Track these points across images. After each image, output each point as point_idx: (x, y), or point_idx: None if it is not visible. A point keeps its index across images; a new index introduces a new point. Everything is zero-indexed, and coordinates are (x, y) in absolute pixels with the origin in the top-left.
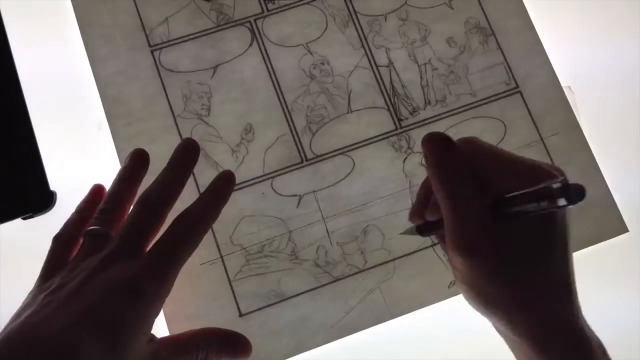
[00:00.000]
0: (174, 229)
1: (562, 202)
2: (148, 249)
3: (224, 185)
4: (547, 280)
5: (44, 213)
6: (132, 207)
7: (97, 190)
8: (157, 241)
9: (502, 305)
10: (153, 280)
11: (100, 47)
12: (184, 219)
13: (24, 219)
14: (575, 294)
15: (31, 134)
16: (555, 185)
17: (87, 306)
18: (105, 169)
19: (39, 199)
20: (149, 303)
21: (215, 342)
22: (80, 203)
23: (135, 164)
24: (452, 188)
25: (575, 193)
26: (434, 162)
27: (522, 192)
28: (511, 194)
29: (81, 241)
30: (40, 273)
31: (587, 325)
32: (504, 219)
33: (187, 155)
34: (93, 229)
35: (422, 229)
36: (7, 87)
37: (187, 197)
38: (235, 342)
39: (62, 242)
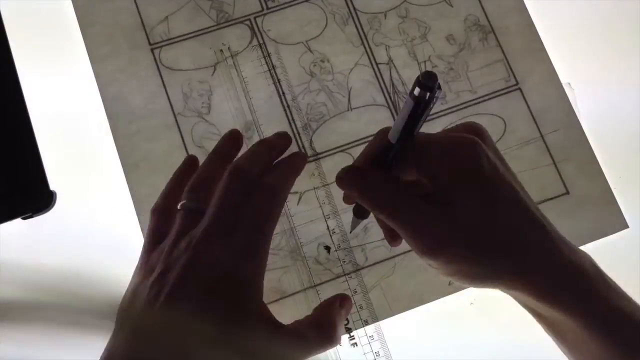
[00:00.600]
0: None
1: (417, 91)
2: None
3: (299, 161)
4: (515, 236)
5: (44, 213)
6: (222, 178)
7: (190, 162)
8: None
9: (488, 276)
10: (250, 261)
11: (101, 46)
12: (268, 191)
13: (24, 219)
14: (549, 226)
15: (31, 134)
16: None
17: (193, 305)
18: (106, 166)
19: (39, 199)
20: (248, 287)
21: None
22: (174, 174)
23: (229, 143)
24: (387, 209)
25: (427, 80)
26: (357, 195)
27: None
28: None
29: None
30: (144, 247)
31: (575, 251)
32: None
33: (281, 140)
34: (187, 202)
35: (357, 212)
36: (7, 87)
37: None
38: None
39: (159, 215)
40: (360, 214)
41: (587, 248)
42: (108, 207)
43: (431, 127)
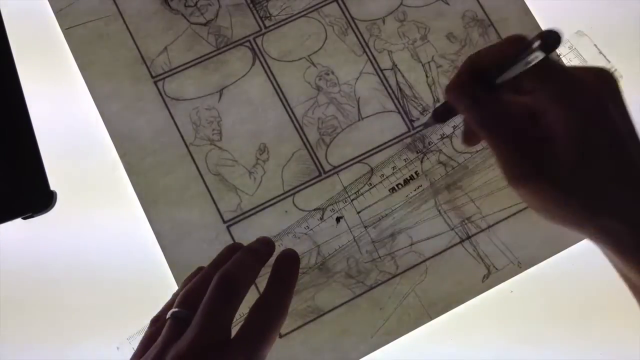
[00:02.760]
0: (255, 322)
1: (536, 45)
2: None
3: (291, 269)
4: (627, 166)
5: (44, 213)
6: (210, 286)
7: (198, 272)
8: (240, 336)
9: (585, 214)
10: None
11: (103, 84)
12: (263, 310)
13: (24, 219)
14: None
15: (32, 134)
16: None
17: None
18: (106, 166)
19: (39, 199)
20: None
21: None
22: (180, 285)
23: (229, 255)
24: (487, 131)
25: (549, 38)
26: (464, 111)
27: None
28: (497, 66)
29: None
30: (134, 355)
31: None
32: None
33: (268, 248)
34: (179, 311)
35: (438, 114)
36: (8, 88)
37: (210, 223)
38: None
39: (157, 324)
40: (440, 117)
41: None
42: (108, 207)
43: (442, 127)
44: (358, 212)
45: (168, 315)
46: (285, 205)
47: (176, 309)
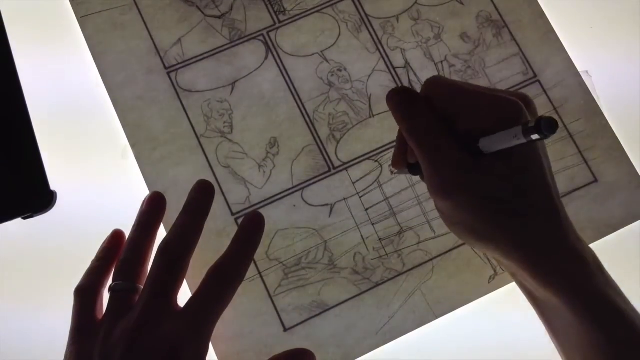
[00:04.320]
0: (208, 285)
1: (535, 137)
2: (184, 304)
3: (254, 231)
4: (530, 205)
5: (44, 213)
6: (154, 258)
7: (116, 236)
8: (192, 300)
9: (488, 236)
10: (193, 343)
11: (117, 73)
12: (218, 275)
13: (24, 218)
14: (563, 212)
15: (31, 134)
16: (528, 123)
17: None
18: (106, 166)
19: (39, 199)
20: None
21: None
22: (99, 251)
23: (151, 209)
24: (417, 136)
25: (547, 127)
26: (399, 118)
27: (493, 136)
28: (486, 137)
29: (107, 295)
30: (71, 333)
31: (581, 243)
32: (480, 154)
33: (202, 198)
34: (118, 284)
35: (412, 169)
36: (7, 88)
37: (218, 215)
38: (301, 357)
39: (86, 296)
40: (414, 171)
41: (617, 235)
42: (108, 207)
43: None
44: (366, 209)
45: (109, 289)
46: (293, 200)
47: (116, 282)
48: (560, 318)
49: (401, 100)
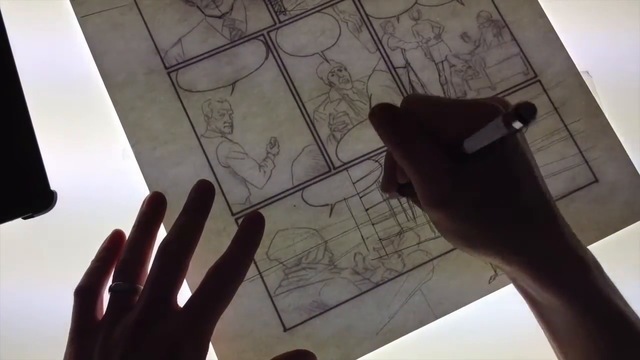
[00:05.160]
0: (208, 285)
1: (517, 124)
2: (183, 304)
3: (253, 231)
4: (522, 209)
5: (44, 213)
6: (154, 258)
7: (116, 236)
8: (192, 299)
9: (487, 244)
10: (193, 343)
11: (117, 73)
12: (218, 274)
13: (24, 218)
14: (558, 215)
15: (31, 134)
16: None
17: None
18: (106, 165)
19: (39, 199)
20: None
21: None
22: (99, 251)
23: (151, 209)
24: (405, 149)
25: (526, 112)
26: (384, 133)
27: (476, 134)
28: (469, 138)
29: (107, 296)
30: (70, 334)
31: (580, 244)
32: (467, 159)
33: (202, 198)
34: (118, 284)
35: (402, 190)
36: (7, 87)
37: (218, 215)
38: (302, 358)
39: (86, 297)
40: (403, 193)
41: (620, 235)
42: (108, 206)
43: None
44: (366, 209)
45: (109, 289)
46: (294, 200)
47: (116, 282)
48: (561, 320)
49: (385, 115)
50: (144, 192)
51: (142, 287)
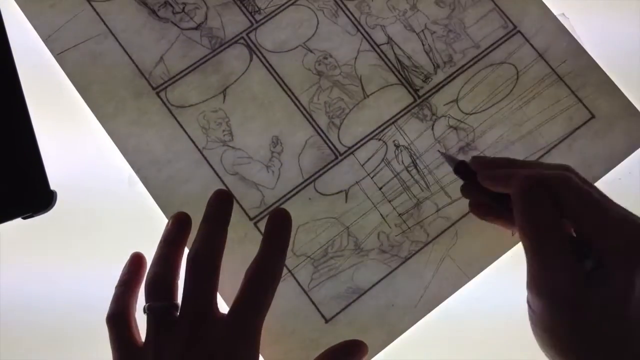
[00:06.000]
0: (249, 290)
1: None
2: (227, 310)
3: (281, 227)
4: (628, 334)
5: (43, 213)
6: (185, 270)
7: (136, 258)
8: (236, 306)
9: (581, 356)
10: (246, 349)
11: (105, 104)
12: (257, 277)
13: (24, 218)
14: None
15: (31, 133)
16: None
17: None
18: (106, 165)
19: (39, 198)
20: None
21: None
22: (122, 275)
23: (177, 227)
24: (538, 243)
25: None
26: (523, 218)
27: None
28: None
29: (145, 317)
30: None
31: None
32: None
33: (221, 205)
34: (154, 303)
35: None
36: (7, 87)
37: (236, 222)
38: (354, 348)
39: (120, 323)
40: (465, 176)
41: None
42: (108, 206)
43: (447, 91)
44: (380, 188)
45: (145, 309)
46: (307, 193)
47: (150, 303)
48: None
49: (532, 199)
50: (144, 192)
51: (177, 302)
